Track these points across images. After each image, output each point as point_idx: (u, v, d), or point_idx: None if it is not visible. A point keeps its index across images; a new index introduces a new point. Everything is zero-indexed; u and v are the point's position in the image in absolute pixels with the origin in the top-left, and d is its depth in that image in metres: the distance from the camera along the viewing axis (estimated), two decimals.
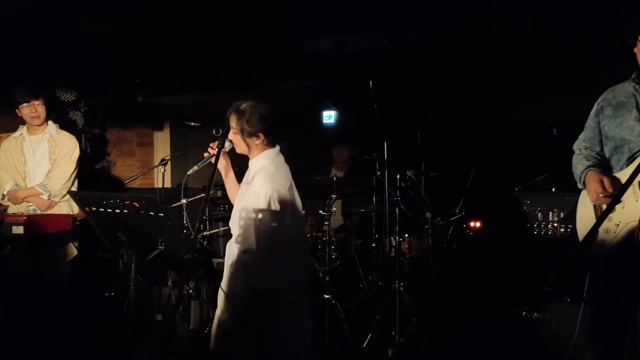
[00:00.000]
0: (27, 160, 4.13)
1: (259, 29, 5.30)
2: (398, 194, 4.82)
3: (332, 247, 4.74)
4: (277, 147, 2.95)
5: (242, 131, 2.84)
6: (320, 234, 4.89)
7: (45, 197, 4.05)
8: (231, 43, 5.37)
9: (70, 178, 4.14)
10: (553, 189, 4.29)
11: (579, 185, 2.74)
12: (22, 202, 4.05)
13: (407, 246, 4.98)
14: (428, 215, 4.98)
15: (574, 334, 3.40)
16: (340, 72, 6.46)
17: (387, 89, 5.24)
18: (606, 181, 2.54)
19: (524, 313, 4.12)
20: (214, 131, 2.92)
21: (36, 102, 4.05)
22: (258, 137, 2.85)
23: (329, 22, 5.14)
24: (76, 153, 4.20)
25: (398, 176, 5.00)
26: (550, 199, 4.21)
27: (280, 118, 2.99)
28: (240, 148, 2.90)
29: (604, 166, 2.67)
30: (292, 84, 6.73)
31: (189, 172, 2.88)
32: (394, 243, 4.76)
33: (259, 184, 2.79)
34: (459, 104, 6.78)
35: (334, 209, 4.89)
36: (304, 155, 6.50)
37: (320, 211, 4.79)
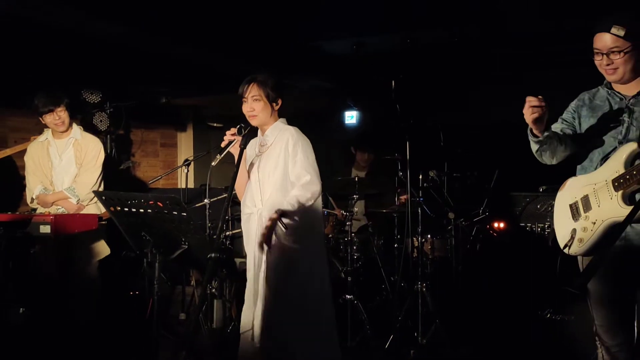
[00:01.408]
0: (54, 165, 4.19)
1: (280, 31, 5.32)
2: (420, 195, 4.80)
3: (354, 248, 4.73)
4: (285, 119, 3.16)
5: (267, 96, 3.04)
6: (342, 234, 4.89)
7: (73, 201, 4.13)
8: (252, 45, 5.40)
9: (96, 182, 4.23)
10: None
11: (530, 138, 2.71)
12: (52, 205, 4.13)
13: (429, 247, 4.96)
14: (451, 215, 4.94)
15: None
16: (361, 73, 6.45)
17: (409, 89, 5.21)
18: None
19: (548, 315, 4.07)
20: (236, 130, 2.97)
21: (58, 109, 4.09)
22: (278, 102, 3.09)
23: (350, 23, 5.14)
24: (101, 157, 4.26)
25: (420, 176, 4.97)
26: None
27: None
28: (261, 117, 3.05)
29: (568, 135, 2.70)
30: (313, 85, 6.74)
31: (213, 164, 3.00)
32: (416, 244, 4.74)
33: (292, 141, 2.99)
34: (482, 103, 6.72)
35: (356, 209, 4.88)
36: (324, 156, 6.51)
37: (342, 211, 4.79)
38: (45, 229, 3.57)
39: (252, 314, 2.99)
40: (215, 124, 7.16)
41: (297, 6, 4.80)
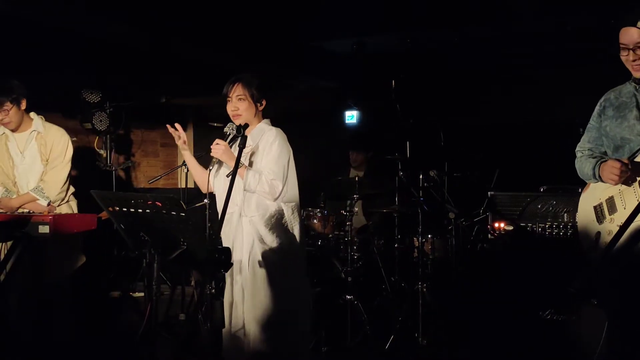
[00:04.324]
0: (16, 164, 3.77)
1: (280, 31, 5.32)
2: (421, 195, 4.78)
3: (355, 248, 4.71)
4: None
5: (252, 97, 3.05)
6: (342, 234, 4.88)
7: (43, 203, 3.78)
8: (252, 45, 5.40)
9: (67, 180, 3.84)
10: (579, 189, 4.21)
11: (593, 181, 2.67)
12: (17, 210, 3.73)
13: (430, 247, 4.94)
14: (451, 215, 4.92)
15: (600, 337, 3.33)
16: (362, 72, 6.45)
17: (410, 89, 5.20)
18: (624, 159, 2.49)
19: (549, 315, 4.05)
20: (231, 128, 2.98)
21: (3, 108, 3.62)
22: (262, 102, 3.10)
23: (350, 23, 5.13)
24: (70, 151, 3.83)
25: (421, 176, 4.96)
26: (577, 200, 4.13)
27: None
28: (245, 117, 3.06)
29: None
30: (313, 84, 6.73)
31: (210, 168, 3.02)
32: (416, 244, 4.72)
33: (271, 138, 3.00)
34: (483, 103, 6.71)
35: (356, 209, 4.86)
36: (323, 155, 6.51)
37: (342, 211, 4.77)
38: (44, 229, 3.52)
39: (242, 313, 3.02)
40: (215, 124, 7.13)
41: (298, 6, 4.80)
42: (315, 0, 4.79)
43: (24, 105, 3.74)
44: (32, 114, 3.84)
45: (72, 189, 3.99)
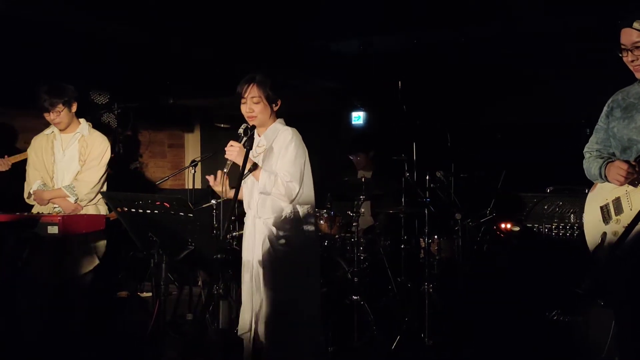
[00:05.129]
0: (57, 160, 4.04)
1: (286, 31, 5.34)
2: (427, 195, 4.79)
3: (361, 248, 4.73)
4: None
5: (267, 98, 3.00)
6: (348, 235, 4.89)
7: (71, 200, 3.97)
8: (258, 46, 5.41)
9: (99, 182, 4.06)
10: (586, 190, 4.21)
11: (600, 181, 2.68)
12: (48, 203, 3.99)
13: (436, 247, 4.95)
14: (458, 216, 4.93)
15: (607, 338, 3.33)
16: (368, 73, 6.45)
17: (416, 89, 5.20)
18: (631, 161, 2.49)
19: (556, 316, 4.05)
20: (240, 131, 2.97)
21: (56, 109, 3.93)
22: (277, 103, 3.06)
23: (356, 23, 5.14)
24: (107, 156, 4.10)
25: (427, 177, 4.96)
26: (583, 201, 4.13)
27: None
28: (260, 118, 3.02)
29: None
30: (320, 85, 6.74)
31: (225, 170, 2.94)
32: (423, 244, 4.72)
33: (287, 140, 2.96)
34: (489, 104, 6.70)
35: (363, 209, 4.87)
36: (330, 156, 6.52)
37: (349, 212, 4.78)
38: (53, 229, 3.54)
39: (250, 316, 3.01)
40: (222, 125, 7.19)
41: (303, 6, 4.81)
42: (321, 0, 4.81)
43: (74, 108, 4.05)
44: (81, 120, 4.15)
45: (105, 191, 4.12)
